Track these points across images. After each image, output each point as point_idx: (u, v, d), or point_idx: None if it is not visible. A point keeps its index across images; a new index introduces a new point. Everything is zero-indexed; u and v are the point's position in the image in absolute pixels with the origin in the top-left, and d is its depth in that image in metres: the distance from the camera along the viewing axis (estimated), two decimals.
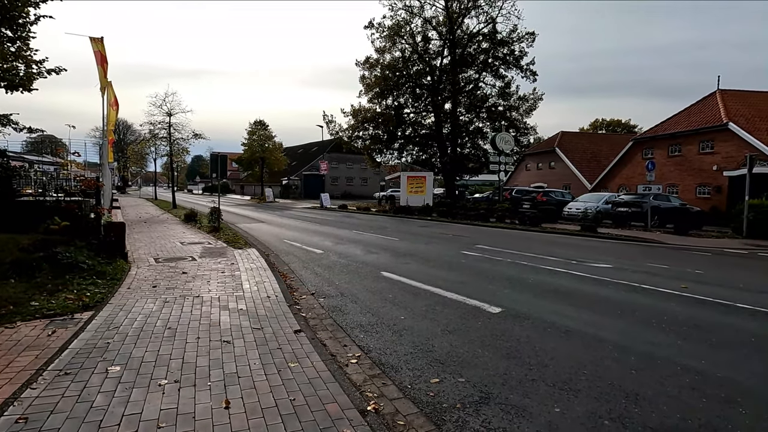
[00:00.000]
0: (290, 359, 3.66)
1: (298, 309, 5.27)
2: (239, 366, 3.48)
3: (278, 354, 3.76)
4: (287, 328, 4.47)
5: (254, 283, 6.37)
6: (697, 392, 3.29)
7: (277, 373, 3.39)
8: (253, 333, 4.27)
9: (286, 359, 3.66)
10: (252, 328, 4.40)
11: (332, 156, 52.16)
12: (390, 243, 11.87)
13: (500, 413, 2.97)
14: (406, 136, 32.52)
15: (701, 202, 22.12)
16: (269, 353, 3.77)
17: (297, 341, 4.10)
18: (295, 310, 5.16)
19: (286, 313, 5.01)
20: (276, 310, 5.10)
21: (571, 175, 34.34)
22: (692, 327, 4.82)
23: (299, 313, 5.11)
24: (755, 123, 21.76)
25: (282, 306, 5.27)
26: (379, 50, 31.26)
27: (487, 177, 41.85)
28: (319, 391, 3.12)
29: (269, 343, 4.02)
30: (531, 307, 5.52)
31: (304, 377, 3.33)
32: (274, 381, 3.24)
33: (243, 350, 3.81)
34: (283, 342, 4.06)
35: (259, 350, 3.83)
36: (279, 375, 3.35)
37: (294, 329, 4.43)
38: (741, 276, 8.28)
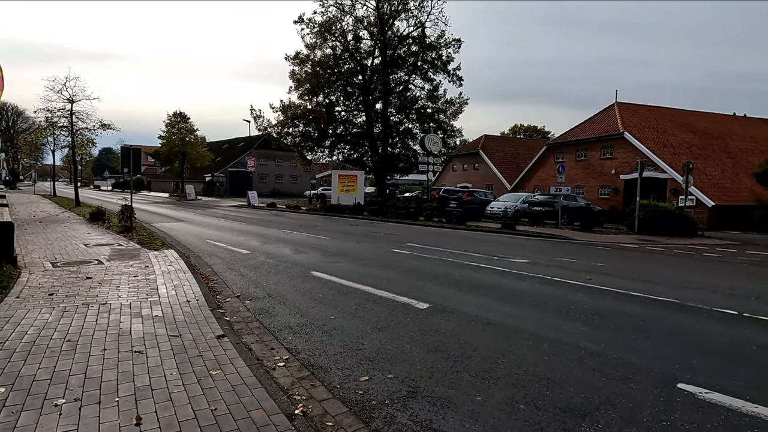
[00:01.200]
0: (212, 366, 3.45)
1: (221, 313, 4.99)
2: (153, 378, 3.21)
3: (198, 362, 3.53)
4: (209, 333, 4.21)
5: (172, 287, 5.92)
6: (597, 373, 3.67)
7: (197, 382, 3.18)
8: (170, 341, 3.96)
9: (207, 367, 3.44)
10: (169, 336, 4.08)
11: (260, 152, 50.22)
12: (320, 242, 11.72)
13: (427, 406, 3.06)
14: (337, 135, 32.31)
15: (602, 202, 24.74)
16: (188, 361, 3.52)
17: (220, 347, 3.88)
18: (218, 314, 4.88)
19: (208, 317, 4.72)
20: (197, 315, 4.78)
21: (494, 176, 36.54)
22: (595, 314, 5.37)
23: (223, 317, 4.84)
24: (645, 133, 24.85)
25: (203, 310, 4.96)
26: (310, 46, 30.70)
27: (416, 177, 43.08)
28: (244, 398, 2.98)
29: (188, 350, 3.76)
30: (456, 302, 5.77)
31: (227, 384, 3.16)
32: (193, 391, 3.04)
33: (158, 360, 3.52)
34: (205, 349, 3.82)
35: (177, 359, 3.56)
36: (199, 384, 3.14)
37: (217, 334, 4.18)
38: (634, 267, 9.40)
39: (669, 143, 24.68)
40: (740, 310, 5.74)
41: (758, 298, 6.62)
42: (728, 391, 3.34)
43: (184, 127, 40.17)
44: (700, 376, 3.64)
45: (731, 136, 27.91)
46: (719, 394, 3.29)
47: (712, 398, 3.24)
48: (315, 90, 30.24)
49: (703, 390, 3.36)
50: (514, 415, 2.96)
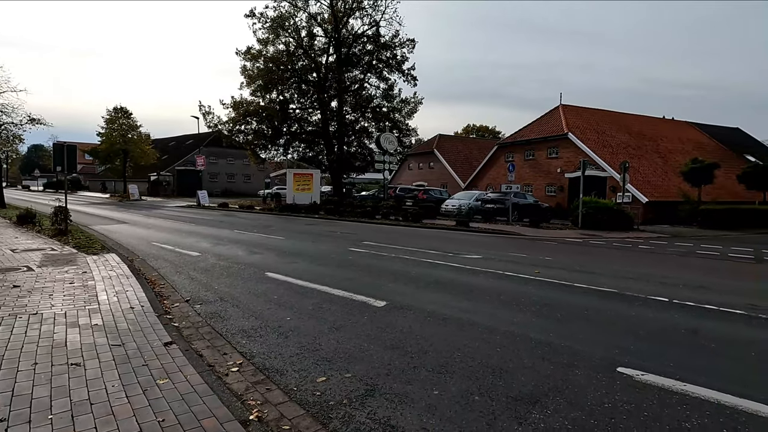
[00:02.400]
0: (159, 376, 3.27)
1: (169, 319, 4.74)
2: (92, 391, 2.99)
3: (144, 371, 3.33)
4: (156, 341, 3.98)
5: (113, 293, 5.54)
6: (546, 361, 3.85)
7: (142, 393, 2.99)
8: (112, 351, 3.71)
9: (153, 376, 3.25)
10: (110, 346, 3.82)
11: (211, 150, 48.26)
12: (275, 242, 11.45)
13: (385, 403, 3.07)
14: (292, 132, 31.70)
15: (549, 199, 26.03)
16: (132, 372, 3.32)
17: (167, 355, 3.68)
18: (166, 320, 4.63)
19: (154, 324, 4.46)
20: (141, 322, 4.51)
21: (448, 175, 37.38)
22: (543, 306, 5.64)
23: (171, 323, 4.60)
24: (587, 134, 26.40)
25: (149, 317, 4.69)
26: (262, 42, 29.92)
27: (373, 175, 43.15)
28: (194, 406, 2.85)
29: (132, 360, 3.54)
30: (413, 299, 5.85)
31: (175, 394, 3.00)
32: (138, 403, 2.86)
33: (98, 372, 3.28)
34: (150, 357, 3.61)
35: (120, 370, 3.34)
36: (144, 395, 2.96)
37: (164, 342, 3.97)
38: (578, 260, 9.96)
39: (608, 143, 26.38)
40: (670, 297, 6.25)
41: (685, 285, 7.23)
42: (661, 372, 3.62)
43: (127, 123, 37.76)
44: (636, 359, 3.92)
45: (662, 137, 30.30)
46: (653, 375, 3.56)
47: (648, 379, 3.50)
48: (268, 87, 29.51)
49: (639, 372, 3.62)
50: (469, 407, 3.04)
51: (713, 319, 5.27)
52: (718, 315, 5.47)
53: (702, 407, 3.08)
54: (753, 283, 7.89)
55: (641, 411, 3.01)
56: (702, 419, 2.92)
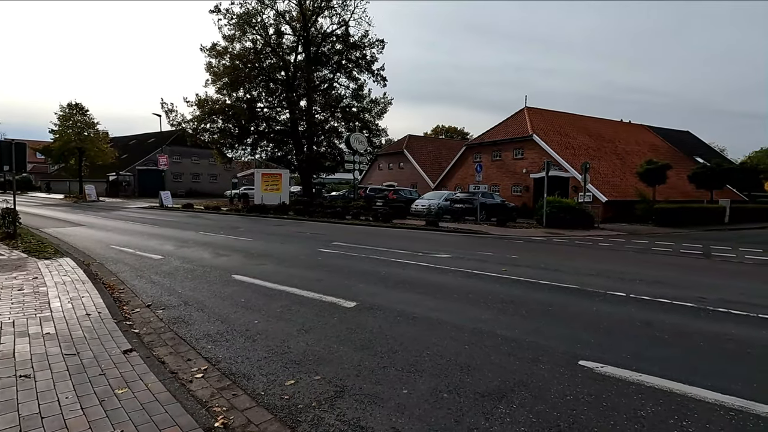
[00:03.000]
0: (118, 385, 3.13)
1: (129, 325, 4.55)
2: (44, 404, 2.82)
3: (101, 381, 3.18)
4: (114, 349, 3.81)
5: (68, 300, 5.26)
6: (512, 357, 3.95)
7: (99, 404, 2.86)
8: (66, 360, 3.52)
9: (111, 386, 3.11)
10: (64, 355, 3.62)
11: (174, 149, 46.62)
12: (243, 244, 11.20)
13: (354, 404, 3.06)
14: (260, 132, 31.11)
15: (515, 199, 26.76)
16: (88, 382, 3.16)
17: (127, 363, 3.53)
18: (125, 327, 4.44)
19: (112, 331, 4.26)
20: (99, 329, 4.30)
21: (418, 175, 37.73)
22: (509, 303, 5.79)
23: (131, 329, 4.41)
24: (551, 136, 27.31)
25: (107, 323, 4.47)
26: (228, 38, 29.21)
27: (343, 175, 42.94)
28: (156, 416, 2.74)
29: (88, 369, 3.37)
30: (383, 299, 5.86)
31: (135, 403, 2.88)
32: (94, 414, 2.72)
33: (50, 384, 3.10)
34: (108, 366, 3.44)
35: (74, 380, 3.17)
36: (102, 406, 2.83)
37: (123, 349, 3.80)
38: (542, 258, 10.29)
39: (570, 145, 27.40)
40: (627, 292, 6.56)
41: (641, 280, 7.61)
42: (618, 364, 3.80)
43: (82, 120, 35.87)
44: (597, 352, 4.09)
45: (620, 139, 31.76)
46: (612, 367, 3.73)
47: (607, 371, 3.66)
48: (234, 84, 28.82)
49: (599, 365, 3.78)
50: (438, 404, 3.08)
51: (666, 312, 5.57)
52: (670, 308, 5.78)
53: (655, 396, 3.25)
54: (702, 278, 8.40)
55: (600, 402, 3.14)
56: (656, 407, 3.08)
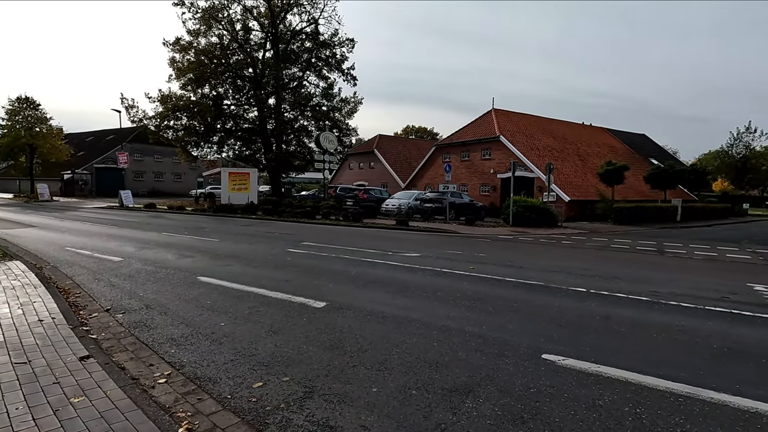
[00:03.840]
0: (73, 393, 2.98)
1: (86, 331, 4.34)
2: None
3: (55, 390, 3.03)
4: (69, 356, 3.63)
5: (17, 305, 4.96)
6: (479, 353, 4.05)
7: (52, 413, 2.72)
8: (16, 369, 3.32)
9: (66, 395, 2.97)
10: (13, 364, 3.42)
11: (135, 147, 44.78)
12: (209, 245, 10.90)
13: (323, 404, 3.06)
14: (226, 130, 30.33)
15: (484, 198, 27.34)
16: (41, 391, 3.00)
17: (84, 370, 3.37)
18: (82, 333, 4.24)
19: (68, 337, 4.06)
20: (52, 335, 4.08)
21: (388, 175, 37.87)
22: (476, 300, 5.92)
23: (88, 335, 4.22)
24: (517, 137, 28.07)
25: (62, 330, 4.26)
26: (193, 33, 28.33)
27: (313, 175, 42.51)
28: (115, 424, 2.64)
29: (41, 378, 3.20)
30: (353, 298, 5.86)
31: (92, 412, 2.76)
32: (47, 425, 2.59)
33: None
34: (63, 374, 3.28)
35: (25, 390, 3.00)
36: (56, 416, 2.69)
37: (79, 356, 3.63)
38: (509, 256, 10.58)
39: (535, 146, 28.26)
40: (588, 288, 6.85)
41: (600, 276, 7.96)
42: (579, 356, 3.97)
43: (33, 115, 33.85)
44: (559, 346, 4.25)
45: (581, 141, 33.05)
46: (573, 360, 3.89)
47: (568, 364, 3.81)
48: (200, 80, 27.97)
49: (561, 357, 3.94)
50: (406, 401, 3.12)
51: (623, 306, 5.85)
52: (627, 302, 6.09)
53: (612, 385, 3.42)
54: (656, 273, 8.87)
55: (562, 393, 3.28)
56: (612, 396, 3.24)
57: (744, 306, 6.04)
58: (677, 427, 2.84)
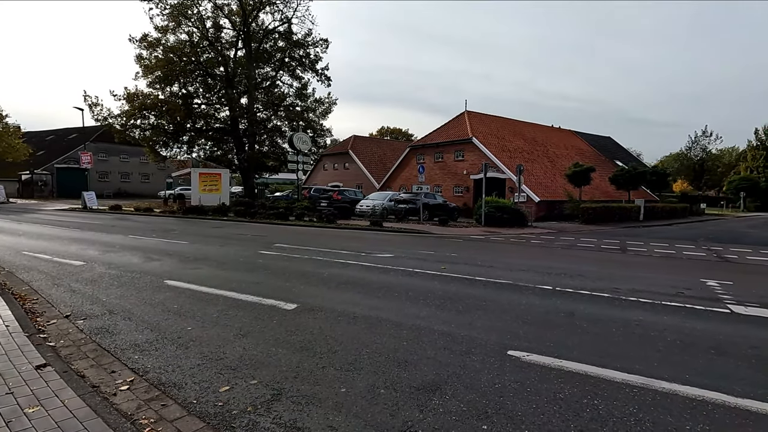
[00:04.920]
0: (28, 404, 2.87)
1: (43, 338, 4.17)
2: None
3: (7, 401, 2.90)
4: (24, 365, 3.49)
5: None
6: (447, 351, 4.13)
7: (5, 425, 2.61)
8: None
9: (20, 405, 2.85)
10: None
11: (99, 146, 43.12)
12: (177, 247, 10.62)
13: (291, 406, 3.05)
14: (197, 129, 29.62)
15: (457, 199, 27.74)
16: None
17: (40, 379, 3.25)
18: (39, 340, 4.07)
19: (23, 345, 3.89)
20: (6, 344, 3.90)
21: (363, 176, 37.86)
22: (447, 299, 6.02)
23: (45, 342, 4.05)
24: (489, 139, 28.63)
25: (17, 337, 4.07)
26: (161, 29, 27.52)
27: (287, 176, 42.05)
28: None
29: None
30: (324, 300, 5.86)
31: (49, 422, 2.67)
32: None
33: None
34: (17, 384, 3.15)
35: None
36: (8, 428, 2.59)
37: (36, 365, 3.49)
38: (480, 256, 10.79)
39: (507, 148, 28.91)
40: (554, 285, 7.08)
41: (566, 274, 8.24)
42: (543, 352, 4.11)
43: None
44: (524, 342, 4.39)
45: (550, 143, 34.02)
46: (537, 355, 4.03)
47: (532, 359, 3.94)
48: (168, 78, 27.21)
49: (525, 353, 4.06)
50: (375, 400, 3.15)
51: (586, 303, 6.08)
52: (590, 299, 6.33)
53: (573, 379, 3.56)
54: (618, 270, 9.25)
55: (525, 387, 3.39)
56: (572, 389, 3.38)
57: (697, 301, 6.39)
58: (631, 416, 2.99)
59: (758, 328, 5.17)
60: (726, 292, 7.02)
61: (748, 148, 60.08)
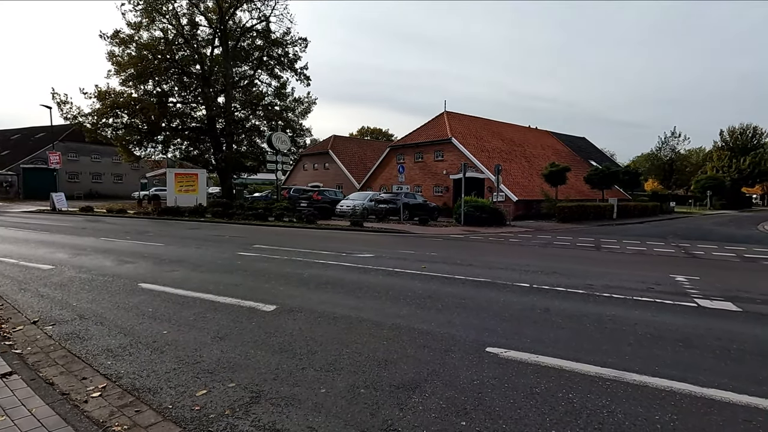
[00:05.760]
0: None
1: (8, 346, 4.01)
2: None
3: None
4: None
5: None
6: (427, 349, 4.17)
7: None
8: None
9: None
10: None
11: (69, 146, 41.64)
12: (152, 249, 10.36)
13: (270, 408, 3.03)
14: (172, 129, 28.92)
15: (437, 199, 27.97)
16: None
17: (6, 388, 3.12)
18: (4, 348, 3.91)
19: None
20: None
21: (343, 176, 37.73)
22: (427, 298, 6.07)
23: (11, 350, 3.90)
24: (467, 139, 28.96)
25: None
26: (134, 26, 26.76)
27: (266, 176, 41.53)
28: None
29: None
30: (304, 301, 5.82)
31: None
32: None
33: None
34: None
35: None
36: None
37: (0, 373, 3.35)
38: (459, 255, 10.90)
39: (485, 148, 29.31)
40: (531, 283, 7.23)
41: (542, 272, 8.42)
42: (520, 348, 4.19)
43: None
44: (502, 338, 4.47)
45: (527, 144, 34.66)
46: (514, 351, 4.10)
47: (510, 355, 4.02)
48: (142, 76, 26.47)
49: (503, 350, 4.14)
50: (355, 400, 3.16)
51: (561, 299, 6.23)
52: (565, 295, 6.49)
53: (549, 374, 3.65)
54: (592, 267, 9.51)
55: (503, 383, 3.45)
56: (548, 383, 3.46)
57: (666, 295, 6.63)
58: (603, 408, 3.08)
59: (722, 320, 5.41)
60: (693, 287, 7.31)
61: (714, 148, 62.73)
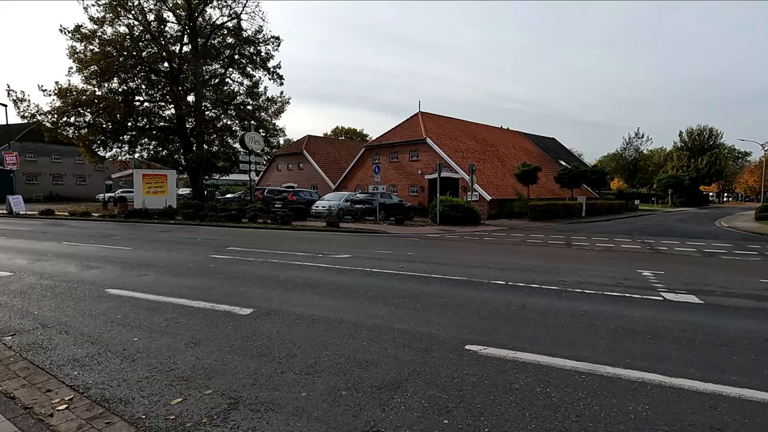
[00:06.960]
0: None
1: None
2: None
3: None
4: None
5: None
6: (407, 348, 4.17)
7: None
8: None
9: None
10: None
11: (27, 145, 39.54)
12: (119, 253, 9.96)
13: (250, 414, 2.95)
14: (139, 128, 27.95)
15: (412, 199, 28.13)
16: None
17: None
18: None
19: None
20: None
21: (318, 176, 37.42)
22: (405, 298, 6.08)
23: None
24: (442, 139, 29.26)
25: None
26: (97, 21, 25.68)
27: (239, 177, 40.72)
28: None
29: None
30: (281, 303, 5.72)
31: None
32: None
33: None
34: None
35: None
36: None
37: None
38: (435, 254, 11.00)
39: (459, 149, 29.69)
40: (506, 280, 7.36)
41: (517, 269, 8.60)
42: (498, 345, 4.25)
43: None
44: (480, 336, 4.52)
45: (500, 144, 35.34)
46: (493, 348, 4.16)
47: (488, 352, 4.07)
48: (106, 74, 25.43)
49: (482, 347, 4.19)
50: (336, 403, 3.12)
51: (536, 296, 6.38)
52: (539, 292, 6.64)
53: (527, 369, 3.72)
54: (564, 264, 9.78)
55: (483, 380, 3.49)
56: (527, 379, 3.52)
57: (634, 290, 6.89)
58: (580, 401, 3.17)
59: (687, 312, 5.66)
60: (659, 281, 7.63)
61: (674, 149, 65.76)
